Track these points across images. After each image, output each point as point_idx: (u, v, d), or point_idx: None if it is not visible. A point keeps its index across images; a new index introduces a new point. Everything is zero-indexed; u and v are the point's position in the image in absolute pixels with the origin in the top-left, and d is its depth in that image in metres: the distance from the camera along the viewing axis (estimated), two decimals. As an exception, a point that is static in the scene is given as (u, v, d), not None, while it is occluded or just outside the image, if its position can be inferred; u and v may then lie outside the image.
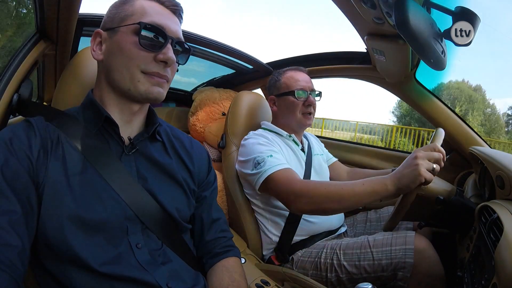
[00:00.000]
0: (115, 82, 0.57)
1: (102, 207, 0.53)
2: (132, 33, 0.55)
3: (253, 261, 1.02)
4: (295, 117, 1.16)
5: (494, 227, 0.65)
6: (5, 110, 0.74)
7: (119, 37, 0.56)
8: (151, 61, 0.56)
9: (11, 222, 0.45)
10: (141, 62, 0.55)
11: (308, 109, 1.16)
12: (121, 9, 0.58)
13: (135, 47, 0.55)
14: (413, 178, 0.75)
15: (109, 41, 0.58)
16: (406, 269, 0.86)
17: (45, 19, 0.80)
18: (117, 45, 0.56)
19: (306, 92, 1.15)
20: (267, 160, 0.99)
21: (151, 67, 0.56)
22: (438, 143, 0.80)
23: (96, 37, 0.59)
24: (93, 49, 0.59)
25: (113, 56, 0.57)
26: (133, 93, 0.56)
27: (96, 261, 0.50)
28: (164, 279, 0.56)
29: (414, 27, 0.58)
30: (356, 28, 0.94)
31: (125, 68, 0.55)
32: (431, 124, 1.32)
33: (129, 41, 0.55)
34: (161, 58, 0.56)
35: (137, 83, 0.56)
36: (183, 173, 0.66)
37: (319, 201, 0.87)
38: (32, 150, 0.50)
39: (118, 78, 0.57)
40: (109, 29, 0.58)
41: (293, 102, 1.15)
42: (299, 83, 1.16)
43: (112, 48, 0.57)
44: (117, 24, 0.57)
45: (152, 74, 0.56)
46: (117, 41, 0.56)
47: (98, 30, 0.59)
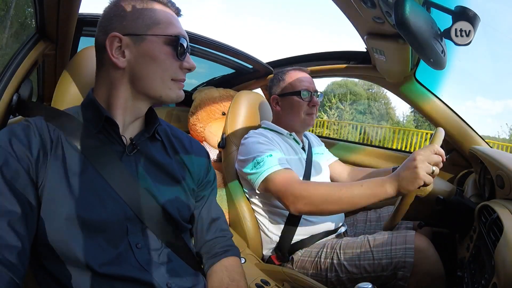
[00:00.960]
0: (145, 90, 0.58)
1: (102, 207, 0.53)
2: (163, 43, 0.57)
3: (253, 261, 1.02)
4: (299, 117, 1.16)
5: (494, 226, 0.65)
6: (5, 110, 0.74)
7: (150, 46, 0.56)
8: (180, 69, 0.60)
9: (11, 222, 0.45)
10: (173, 72, 0.59)
11: (312, 110, 1.16)
12: (140, 14, 0.56)
13: (169, 57, 0.58)
14: (412, 180, 0.76)
15: (135, 49, 0.56)
16: (406, 269, 0.86)
17: (45, 19, 0.80)
18: (147, 54, 0.56)
19: (310, 93, 1.15)
20: (266, 160, 0.99)
21: (180, 75, 0.60)
22: (437, 143, 0.80)
23: (114, 42, 0.55)
24: (113, 55, 0.55)
25: (144, 65, 0.57)
26: (165, 99, 0.60)
27: (96, 261, 0.50)
28: (164, 279, 0.56)
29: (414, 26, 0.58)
30: (356, 27, 0.94)
31: (159, 77, 0.58)
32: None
33: (163, 51, 0.57)
34: (187, 66, 0.60)
35: (169, 91, 0.59)
36: (182, 172, 0.66)
37: (318, 203, 0.88)
38: (32, 150, 0.50)
39: (150, 86, 0.58)
40: (132, 35, 0.56)
41: (298, 102, 1.15)
42: (304, 84, 1.16)
43: (142, 57, 0.56)
44: (144, 32, 0.56)
45: (180, 81, 0.61)
46: (148, 50, 0.56)
47: (117, 34, 0.55)
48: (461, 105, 18.27)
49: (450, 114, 1.26)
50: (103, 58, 0.58)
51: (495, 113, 18.58)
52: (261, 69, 1.67)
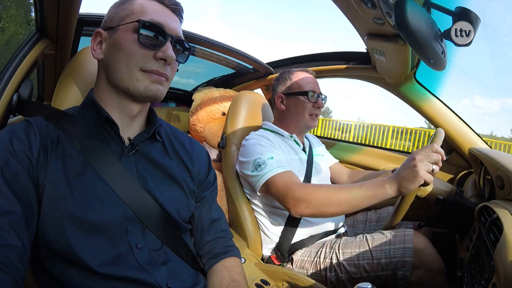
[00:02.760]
0: (114, 81, 0.57)
1: (102, 207, 0.53)
2: (131, 31, 0.55)
3: (253, 261, 1.02)
4: (303, 117, 1.17)
5: (493, 227, 0.65)
6: (5, 110, 0.74)
7: (119, 35, 0.56)
8: (150, 59, 0.55)
9: (11, 222, 0.44)
10: (140, 60, 0.55)
11: (316, 111, 1.17)
12: (120, 8, 0.58)
13: (134, 44, 0.55)
14: (413, 179, 0.76)
15: (109, 40, 0.58)
16: (406, 268, 0.86)
17: (45, 19, 0.80)
18: (116, 44, 0.56)
19: (316, 94, 1.16)
20: (267, 162, 0.99)
21: (150, 65, 0.55)
22: (437, 143, 0.80)
23: (97, 37, 0.59)
24: (93, 49, 0.59)
25: (113, 55, 0.57)
26: (132, 91, 0.56)
27: (96, 262, 0.50)
28: (164, 279, 0.56)
29: (414, 27, 0.58)
30: (356, 28, 0.94)
31: (124, 66, 0.55)
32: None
33: (128, 39, 0.55)
34: (160, 55, 0.55)
35: (136, 82, 0.55)
36: (183, 173, 0.66)
37: (318, 205, 0.88)
38: (32, 150, 0.50)
39: (117, 76, 0.56)
40: (109, 28, 0.58)
41: (304, 103, 1.16)
42: (311, 85, 1.17)
43: (112, 47, 0.57)
44: (117, 23, 0.57)
45: (151, 72, 0.56)
46: (117, 40, 0.56)
47: (99, 29, 0.59)
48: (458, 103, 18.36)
49: (449, 115, 1.26)
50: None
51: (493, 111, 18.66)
52: (261, 70, 1.67)
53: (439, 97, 1.28)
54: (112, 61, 0.57)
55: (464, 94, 33.18)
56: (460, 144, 1.25)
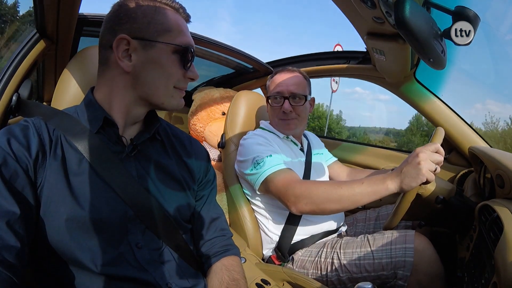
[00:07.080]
0: (148, 96, 0.58)
1: (102, 207, 0.53)
2: (172, 52, 0.57)
3: (253, 260, 1.02)
4: (275, 121, 1.16)
5: (494, 226, 0.65)
6: (5, 110, 0.74)
7: (159, 53, 0.56)
8: (183, 77, 0.60)
9: (10, 223, 0.45)
10: (177, 80, 0.59)
11: (283, 116, 1.12)
12: (152, 18, 0.55)
13: (176, 66, 0.58)
14: (415, 176, 0.76)
15: (143, 53, 0.55)
16: (406, 268, 0.86)
17: (45, 19, 0.80)
18: (155, 61, 0.56)
19: (282, 97, 1.11)
20: (266, 160, 0.99)
21: (183, 83, 0.60)
22: (438, 142, 0.80)
23: (122, 44, 0.54)
24: (119, 58, 0.55)
25: (149, 71, 0.56)
26: (166, 106, 0.60)
27: (96, 262, 0.50)
28: (164, 278, 0.56)
29: (414, 26, 0.58)
30: (356, 27, 0.94)
31: (163, 84, 0.58)
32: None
33: (171, 59, 0.57)
34: (190, 76, 0.61)
35: (171, 98, 0.60)
36: (182, 172, 0.66)
37: (319, 202, 0.88)
38: (31, 150, 0.50)
39: (153, 92, 0.58)
40: (140, 39, 0.55)
41: (271, 107, 1.15)
42: (277, 88, 1.13)
43: (148, 63, 0.56)
44: (153, 38, 0.55)
45: (181, 89, 0.61)
46: (156, 57, 0.56)
47: (125, 36, 0.54)
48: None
49: (449, 114, 1.26)
50: (108, 58, 0.57)
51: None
52: (261, 69, 1.66)
53: (439, 96, 1.28)
54: (149, 77, 0.57)
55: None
56: (460, 143, 1.25)
